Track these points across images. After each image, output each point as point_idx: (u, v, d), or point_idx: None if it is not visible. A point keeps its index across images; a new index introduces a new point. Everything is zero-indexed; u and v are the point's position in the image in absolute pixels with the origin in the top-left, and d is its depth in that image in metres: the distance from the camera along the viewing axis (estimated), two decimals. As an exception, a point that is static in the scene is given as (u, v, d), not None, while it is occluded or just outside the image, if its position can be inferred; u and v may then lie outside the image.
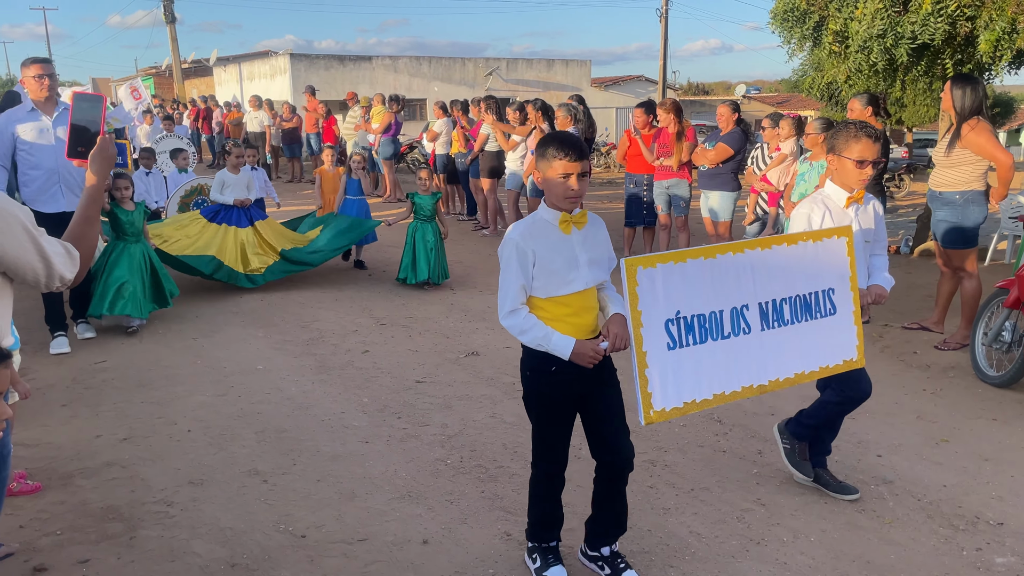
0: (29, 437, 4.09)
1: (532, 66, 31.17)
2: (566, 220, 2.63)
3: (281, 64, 27.86)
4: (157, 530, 3.24)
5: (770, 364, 2.88)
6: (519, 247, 2.59)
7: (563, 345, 2.59)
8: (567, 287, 2.63)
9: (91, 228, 2.18)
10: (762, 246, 2.84)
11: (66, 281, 2.03)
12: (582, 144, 2.58)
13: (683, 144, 7.47)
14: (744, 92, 39.18)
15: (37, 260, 1.94)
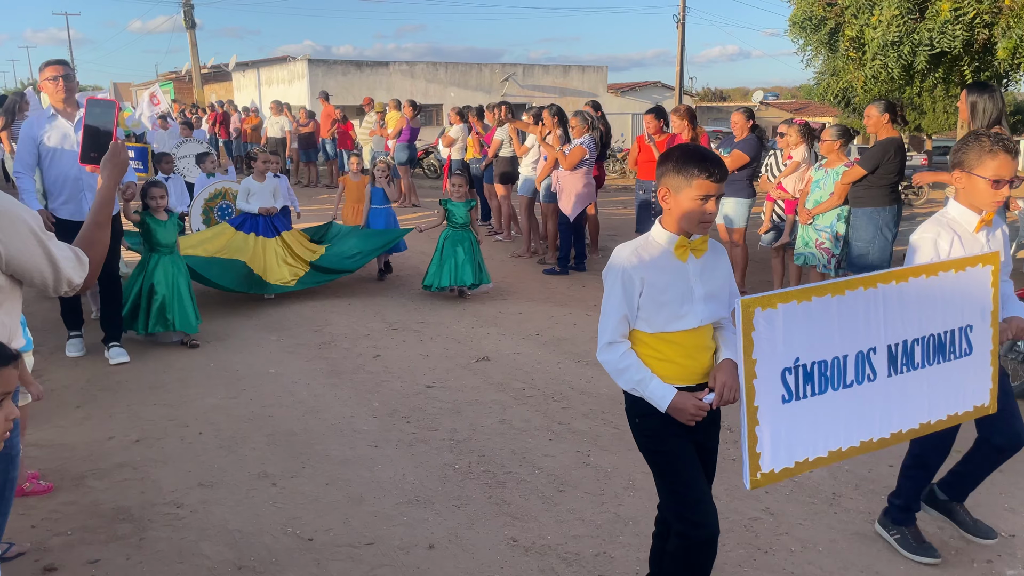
0: (43, 438, 4.14)
1: (548, 72, 31.21)
2: (684, 246, 2.31)
3: (299, 69, 28.06)
4: (166, 531, 3.27)
5: (894, 414, 2.52)
6: (625, 273, 2.29)
7: (661, 395, 2.27)
8: (678, 322, 2.30)
9: (102, 233, 2.20)
10: (896, 279, 2.50)
11: (74, 285, 2.05)
12: (723, 163, 2.29)
13: None
14: (761, 98, 39.03)
15: (45, 264, 1.96)
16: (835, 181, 6.04)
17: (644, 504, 3.51)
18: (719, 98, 50.51)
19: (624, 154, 21.01)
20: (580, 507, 3.49)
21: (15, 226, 1.89)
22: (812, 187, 6.24)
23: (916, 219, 13.54)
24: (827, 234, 6.13)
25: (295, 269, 7.09)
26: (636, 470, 3.83)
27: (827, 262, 6.19)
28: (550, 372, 5.29)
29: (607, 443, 4.16)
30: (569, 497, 3.58)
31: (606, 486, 3.68)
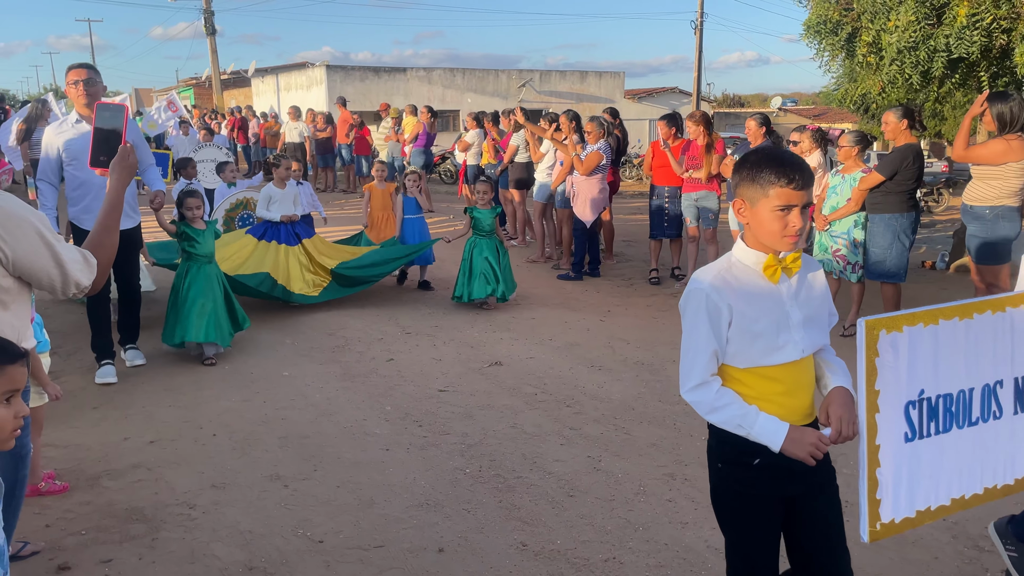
0: (59, 438, 4.19)
1: (565, 78, 31.24)
2: (773, 265, 2.02)
3: (317, 75, 28.27)
4: (179, 532, 3.30)
5: (1019, 457, 2.24)
6: (710, 301, 2.00)
7: (772, 430, 1.97)
8: (775, 355, 2.02)
9: (110, 236, 2.22)
10: None
11: (82, 288, 2.07)
12: (807, 167, 2.00)
13: (712, 156, 7.43)
14: (780, 104, 38.83)
15: (52, 266, 1.98)
16: (852, 187, 6.00)
17: (654, 510, 3.50)
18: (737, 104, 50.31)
19: (640, 160, 20.99)
20: (590, 512, 3.49)
21: (21, 228, 1.91)
22: (828, 193, 6.21)
23: (936, 226, 13.42)
24: (844, 240, 6.09)
25: (317, 278, 6.99)
26: (647, 476, 3.82)
27: (843, 269, 6.15)
28: (562, 377, 5.29)
29: (618, 449, 4.15)
30: (579, 502, 3.57)
31: (616, 492, 3.67)
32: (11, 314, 1.98)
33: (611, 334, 6.29)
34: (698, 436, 4.30)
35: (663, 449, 4.14)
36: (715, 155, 7.43)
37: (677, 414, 4.62)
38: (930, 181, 15.68)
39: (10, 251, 1.89)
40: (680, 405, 4.76)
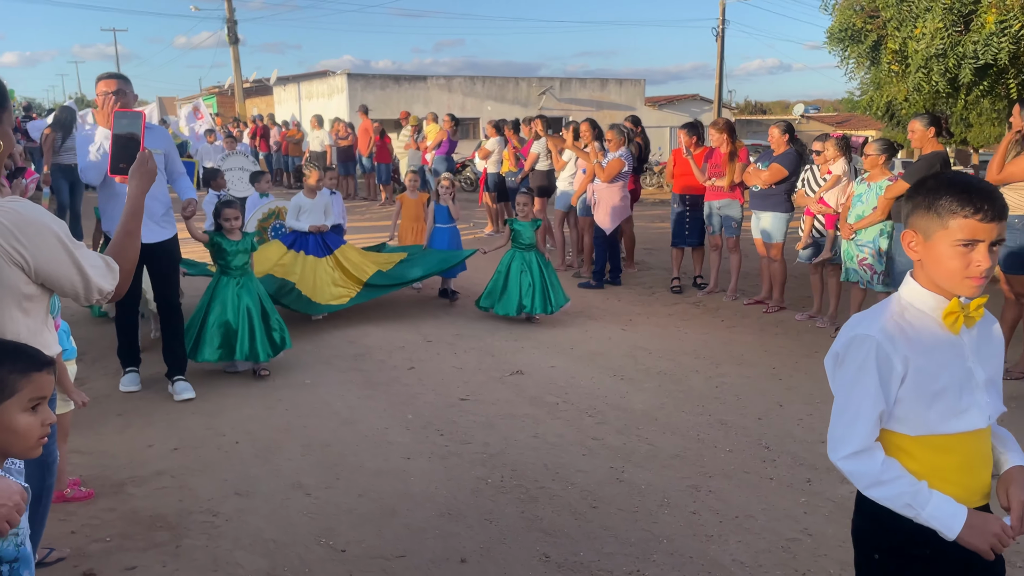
0: (84, 445, 4.22)
1: (586, 85, 31.23)
2: (956, 312, 1.70)
3: (338, 83, 28.46)
4: (202, 539, 3.31)
5: None
6: (882, 352, 1.70)
7: (949, 513, 1.66)
8: (956, 421, 1.71)
9: (132, 241, 2.23)
10: None
11: (105, 293, 2.08)
12: (999, 196, 1.69)
13: (735, 164, 7.39)
14: (802, 112, 38.59)
15: (74, 272, 1.99)
16: (878, 195, 5.93)
17: (678, 523, 3.46)
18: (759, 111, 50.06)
19: (661, 168, 20.92)
20: (613, 524, 3.45)
21: (42, 235, 1.92)
22: (854, 202, 6.14)
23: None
24: (869, 250, 6.02)
25: (346, 290, 6.75)
26: (671, 488, 3.78)
27: (870, 278, 6.07)
28: (584, 387, 5.26)
29: (641, 460, 4.11)
30: (602, 513, 3.54)
31: (640, 503, 3.64)
32: (33, 320, 1.99)
33: (633, 343, 6.26)
34: (722, 447, 4.26)
35: (687, 460, 4.10)
36: (738, 163, 7.38)
37: (700, 425, 4.58)
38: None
39: (31, 258, 1.90)
40: (704, 416, 4.72)
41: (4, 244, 1.86)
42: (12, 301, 1.91)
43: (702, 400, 5.00)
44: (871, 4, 7.58)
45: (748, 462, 4.09)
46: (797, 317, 6.97)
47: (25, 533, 1.66)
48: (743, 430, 4.51)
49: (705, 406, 4.89)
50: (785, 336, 6.46)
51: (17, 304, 1.93)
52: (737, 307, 7.43)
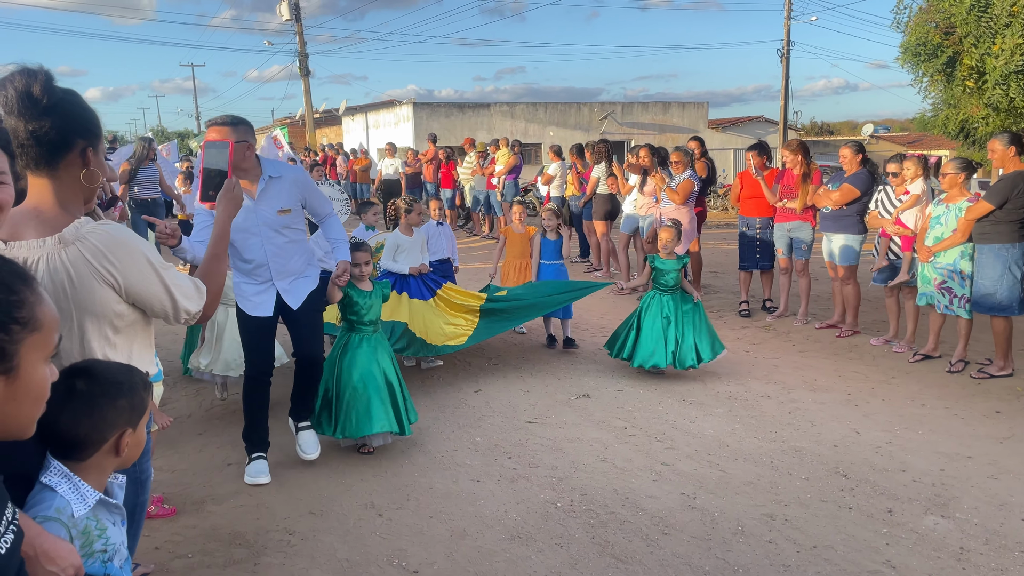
0: (166, 463, 4.38)
1: (648, 109, 31.18)
2: None
3: (405, 112, 29.08)
4: (279, 557, 3.38)
5: None
6: None
7: None
8: None
9: (219, 265, 2.33)
10: None
11: (192, 314, 2.17)
12: None
13: (808, 186, 7.25)
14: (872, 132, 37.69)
15: (162, 292, 2.08)
16: (958, 217, 5.74)
17: (754, 552, 3.38)
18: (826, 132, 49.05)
19: (726, 190, 20.66)
20: (686, 551, 3.40)
21: (132, 256, 2.02)
22: (932, 223, 5.95)
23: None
24: (950, 272, 5.82)
25: (462, 325, 5.94)
26: (745, 516, 3.70)
27: (948, 302, 5.86)
28: (652, 411, 5.20)
29: (713, 486, 4.04)
30: (674, 540, 3.49)
31: (713, 531, 3.57)
32: (122, 338, 2.08)
33: (701, 368, 6.16)
34: (797, 475, 4.15)
35: (760, 488, 4.01)
36: (811, 185, 7.24)
37: (774, 452, 4.47)
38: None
39: (121, 278, 1.99)
40: (777, 442, 4.61)
41: (96, 264, 1.96)
42: (104, 320, 2.01)
43: (775, 426, 4.89)
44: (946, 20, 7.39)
45: (825, 491, 3.98)
46: (872, 342, 6.77)
47: (113, 550, 1.73)
48: (818, 457, 4.39)
49: (778, 432, 4.78)
50: (860, 361, 6.28)
51: (109, 323, 2.02)
52: (808, 331, 7.26)
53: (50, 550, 1.53)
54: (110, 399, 1.71)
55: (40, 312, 1.21)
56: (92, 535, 1.66)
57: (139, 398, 1.78)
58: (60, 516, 1.60)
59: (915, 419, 4.98)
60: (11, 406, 1.18)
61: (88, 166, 2.03)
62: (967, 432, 4.74)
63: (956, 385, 5.62)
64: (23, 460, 1.64)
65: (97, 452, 1.70)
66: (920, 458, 4.35)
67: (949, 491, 3.93)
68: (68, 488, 1.64)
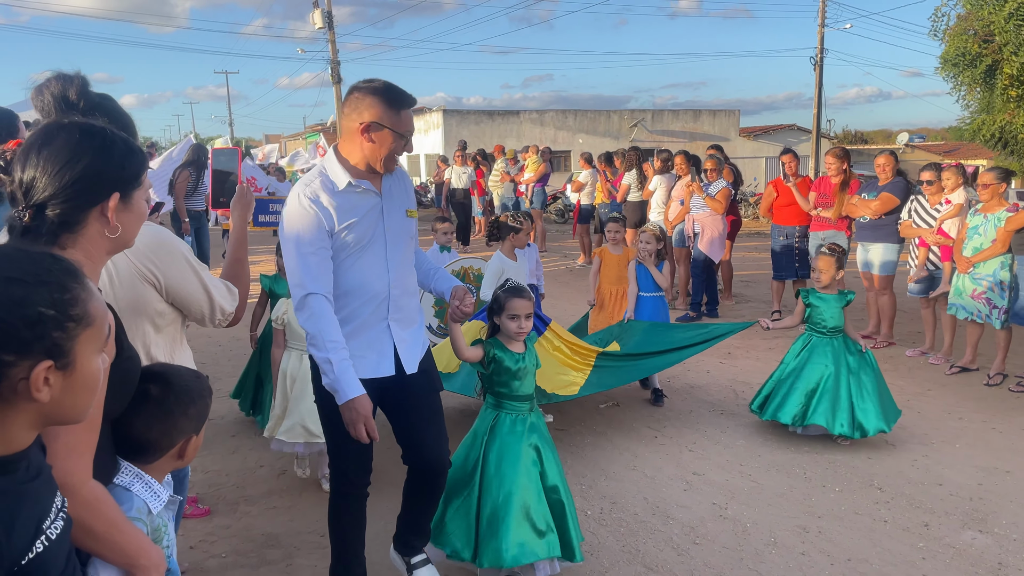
0: (200, 464, 4.43)
1: (678, 117, 31.05)
2: None
3: (435, 119, 29.25)
4: (311, 559, 3.41)
5: None
6: None
7: None
8: None
9: (242, 268, 2.37)
10: None
11: (226, 314, 2.22)
12: None
13: (845, 195, 7.16)
14: (907, 140, 37.16)
15: (201, 292, 2.13)
16: (997, 227, 5.65)
17: (787, 564, 3.34)
18: (860, 140, 48.47)
19: (757, 199, 20.49)
20: (717, 562, 3.37)
21: (172, 256, 2.07)
22: (969, 233, 5.85)
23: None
24: (989, 283, 5.71)
25: (575, 374, 4.86)
26: (777, 527, 3.66)
27: (989, 313, 5.76)
28: (682, 419, 5.17)
29: (745, 497, 4.00)
30: (705, 551, 3.46)
31: (745, 542, 3.54)
32: (164, 337, 2.13)
33: (732, 377, 6.12)
34: (831, 487, 4.10)
35: (793, 500, 3.97)
36: (848, 194, 7.15)
37: (806, 463, 4.42)
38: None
39: (163, 277, 2.04)
40: (811, 454, 4.55)
41: (139, 264, 2.01)
42: (146, 318, 2.06)
43: (808, 438, 4.83)
44: (985, 28, 7.28)
45: (859, 503, 3.92)
46: (908, 353, 6.67)
47: (173, 545, 1.77)
48: (853, 469, 4.33)
49: (811, 444, 4.72)
50: (895, 372, 6.19)
51: (150, 321, 2.07)
52: (842, 342, 7.16)
53: (159, 561, 1.57)
54: (183, 407, 1.74)
55: (92, 307, 1.24)
56: (161, 531, 1.70)
57: (205, 405, 1.82)
58: (141, 516, 1.63)
59: (952, 432, 4.90)
60: (68, 396, 1.22)
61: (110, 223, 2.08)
62: (1005, 446, 4.65)
63: (994, 398, 5.51)
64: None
65: (164, 456, 1.74)
66: (957, 472, 4.28)
67: (987, 506, 3.86)
68: (142, 487, 1.67)
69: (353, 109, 2.62)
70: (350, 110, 2.63)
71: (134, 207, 1.66)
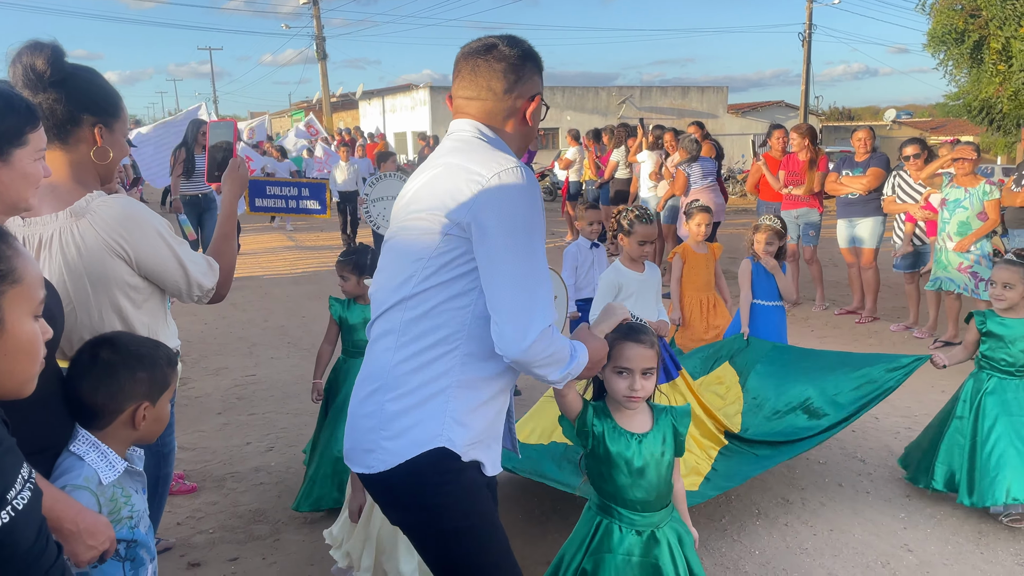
0: (187, 441, 4.43)
1: (667, 93, 30.95)
2: None
3: (422, 96, 29.05)
4: (299, 535, 3.42)
5: None
6: None
7: None
8: None
9: (228, 244, 2.33)
10: None
11: (206, 290, 2.18)
12: None
13: (815, 173, 7.19)
14: (894, 117, 37.21)
15: (175, 266, 2.09)
16: (982, 200, 5.68)
17: (771, 535, 3.37)
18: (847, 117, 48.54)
19: (744, 176, 20.51)
20: (702, 534, 3.40)
21: (142, 229, 2.03)
22: (951, 207, 5.87)
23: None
24: (975, 256, 5.75)
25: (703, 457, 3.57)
26: (762, 499, 3.69)
27: (975, 286, 5.80)
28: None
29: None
30: (691, 522, 3.49)
31: (729, 513, 3.57)
32: (144, 313, 2.09)
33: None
34: (814, 459, 4.14)
35: (777, 472, 3.99)
36: (818, 172, 7.19)
37: (791, 436, 4.46)
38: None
39: (132, 251, 2.00)
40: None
41: (106, 236, 1.98)
42: (119, 292, 2.02)
43: (792, 411, 4.86)
44: (972, 3, 7.28)
45: (842, 474, 3.97)
46: (892, 328, 6.73)
47: (139, 516, 1.76)
48: (836, 442, 4.36)
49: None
50: (880, 347, 6.24)
51: (125, 295, 2.03)
52: (827, 317, 7.21)
53: (91, 526, 1.57)
54: (130, 370, 1.73)
55: (19, 264, 1.22)
56: (119, 502, 1.70)
57: (161, 373, 1.79)
58: (88, 484, 1.64)
59: (935, 405, 4.90)
60: (4, 362, 1.20)
61: (98, 144, 2.04)
62: (987, 419, 4.70)
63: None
64: (47, 434, 1.67)
65: (114, 422, 1.72)
66: (939, 444, 4.32)
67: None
68: (96, 456, 1.67)
69: (502, 78, 1.91)
70: (494, 80, 1.91)
71: (15, 167, 1.60)
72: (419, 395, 1.73)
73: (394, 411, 1.74)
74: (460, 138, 1.89)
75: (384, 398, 1.75)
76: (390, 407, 1.74)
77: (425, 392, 1.73)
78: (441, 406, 1.73)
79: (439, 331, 1.74)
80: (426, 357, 1.74)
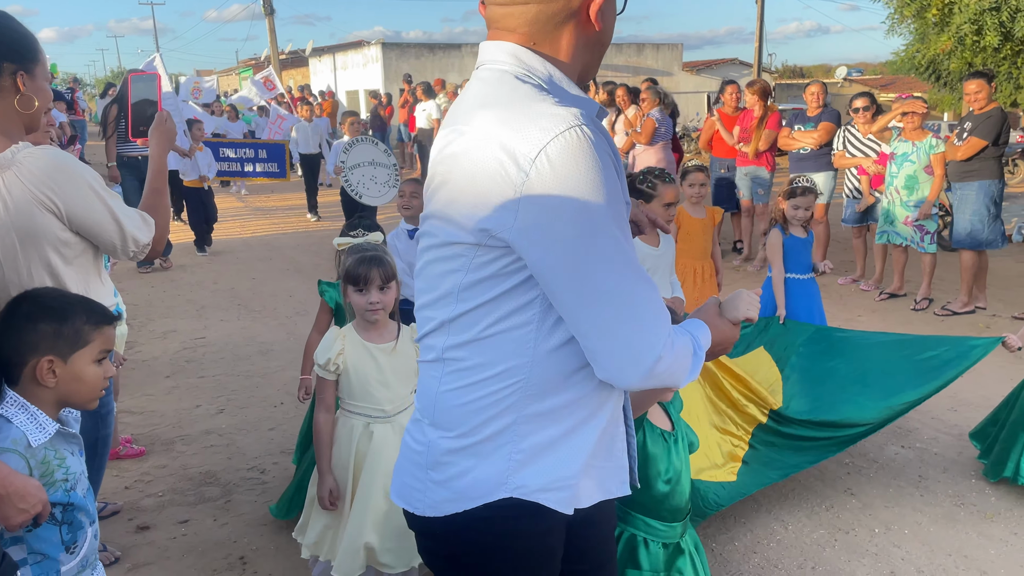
0: (135, 405, 4.34)
1: (622, 51, 30.74)
2: None
3: (374, 53, 28.41)
4: (250, 495, 3.39)
5: None
6: None
7: None
8: None
9: (161, 199, 2.25)
10: None
11: (142, 245, 2.11)
12: None
13: (762, 131, 7.24)
14: (845, 75, 37.58)
15: (108, 219, 2.02)
16: (930, 154, 5.77)
17: (720, 482, 3.44)
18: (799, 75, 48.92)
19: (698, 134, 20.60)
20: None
21: (73, 182, 1.95)
22: (899, 161, 5.95)
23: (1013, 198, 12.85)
24: (920, 209, 5.86)
25: (739, 442, 3.23)
26: (712, 448, 3.75)
27: (921, 239, 5.92)
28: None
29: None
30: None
31: (681, 463, 3.63)
32: (75, 269, 2.02)
33: (672, 307, 6.21)
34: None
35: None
36: (766, 130, 7.23)
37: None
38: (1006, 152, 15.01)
39: (62, 204, 1.93)
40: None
41: (34, 190, 1.89)
42: (49, 247, 1.95)
43: (743, 363, 4.94)
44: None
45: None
46: (840, 281, 6.86)
47: (75, 479, 1.70)
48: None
49: (746, 369, 4.84)
50: (827, 300, 6.30)
51: (55, 250, 1.95)
52: (778, 271, 7.32)
53: (20, 489, 1.52)
54: (32, 321, 1.65)
55: None
56: (52, 465, 1.64)
57: (71, 327, 1.67)
58: (17, 447, 1.58)
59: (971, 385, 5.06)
60: None
61: (21, 91, 1.95)
62: (929, 367, 4.83)
63: (921, 322, 5.72)
64: None
65: (21, 376, 1.65)
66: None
67: (910, 423, 4.02)
68: (26, 418, 1.61)
69: None
70: None
71: None
72: (476, 436, 1.32)
73: (446, 449, 1.34)
74: (491, 77, 1.31)
75: (435, 434, 1.36)
76: (442, 444, 1.35)
77: (484, 433, 1.32)
78: (505, 447, 1.32)
79: (496, 364, 1.29)
80: (481, 392, 1.31)
